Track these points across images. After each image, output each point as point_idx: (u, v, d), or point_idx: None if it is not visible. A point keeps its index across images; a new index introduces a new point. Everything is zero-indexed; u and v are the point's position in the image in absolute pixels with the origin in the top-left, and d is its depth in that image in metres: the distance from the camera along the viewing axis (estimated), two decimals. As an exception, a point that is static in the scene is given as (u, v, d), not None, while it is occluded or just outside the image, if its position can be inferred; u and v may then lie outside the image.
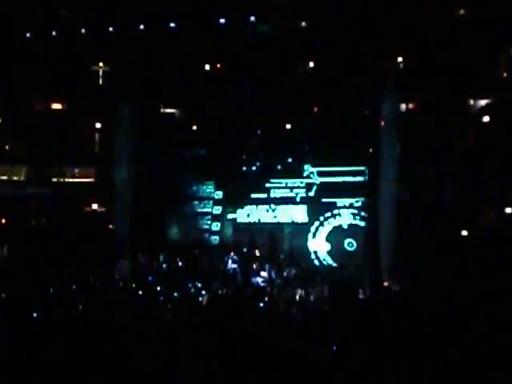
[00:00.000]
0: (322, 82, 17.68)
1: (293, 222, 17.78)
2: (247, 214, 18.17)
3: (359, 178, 17.33)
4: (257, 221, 18.07)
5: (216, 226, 18.61)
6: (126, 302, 12.17)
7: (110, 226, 18.96)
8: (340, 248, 17.15)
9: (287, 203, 17.78)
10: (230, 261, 17.37)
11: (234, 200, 18.45)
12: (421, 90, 17.11)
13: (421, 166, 16.75)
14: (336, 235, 17.30)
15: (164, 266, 17.64)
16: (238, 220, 18.29)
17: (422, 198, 16.52)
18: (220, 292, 14.45)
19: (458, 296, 10.14)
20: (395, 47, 17.23)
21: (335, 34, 16.98)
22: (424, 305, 9.52)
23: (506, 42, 16.69)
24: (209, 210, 18.78)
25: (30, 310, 9.60)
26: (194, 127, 19.57)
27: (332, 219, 17.35)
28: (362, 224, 17.10)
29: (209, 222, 18.67)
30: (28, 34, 18.18)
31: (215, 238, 18.67)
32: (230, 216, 18.42)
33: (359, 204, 17.17)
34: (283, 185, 17.94)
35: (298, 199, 17.76)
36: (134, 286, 15.10)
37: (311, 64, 18.25)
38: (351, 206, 17.24)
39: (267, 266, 16.60)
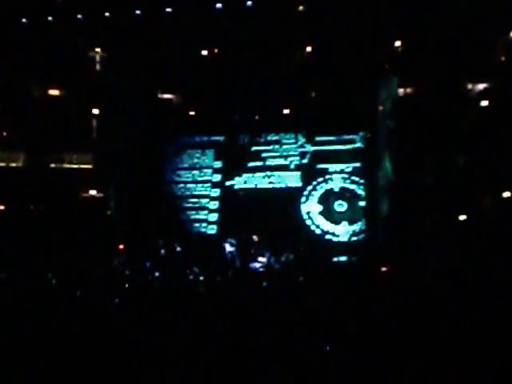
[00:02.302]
0: (319, 67, 17.69)
1: (287, 187, 18.77)
2: (244, 181, 19.20)
3: (349, 146, 18.58)
4: (253, 186, 19.10)
5: (215, 192, 19.52)
6: (125, 288, 12.21)
7: (109, 212, 19.00)
8: (331, 209, 18.21)
9: (282, 170, 18.85)
10: (227, 245, 17.48)
11: (233, 168, 19.45)
12: (419, 75, 17.08)
13: (418, 149, 16.75)
14: (327, 197, 18.38)
15: (162, 251, 17.73)
16: (236, 186, 19.27)
17: (420, 182, 16.58)
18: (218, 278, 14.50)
19: (456, 281, 10.14)
20: (393, 31, 17.16)
21: (333, 18, 16.90)
22: (419, 289, 9.54)
23: (504, 26, 16.59)
24: (209, 178, 19.64)
25: (29, 296, 9.63)
26: (192, 112, 19.63)
27: (324, 184, 18.50)
28: (352, 187, 18.24)
29: (209, 189, 19.57)
30: (24, 20, 18.02)
31: (214, 203, 19.52)
32: (228, 183, 19.36)
33: (350, 169, 18.29)
34: (278, 154, 19.06)
35: (292, 166, 18.84)
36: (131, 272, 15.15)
37: (309, 49, 18.19)
38: (342, 171, 18.37)
39: (266, 251, 16.71)
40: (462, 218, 16.40)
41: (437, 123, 16.59)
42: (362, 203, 17.98)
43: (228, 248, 17.44)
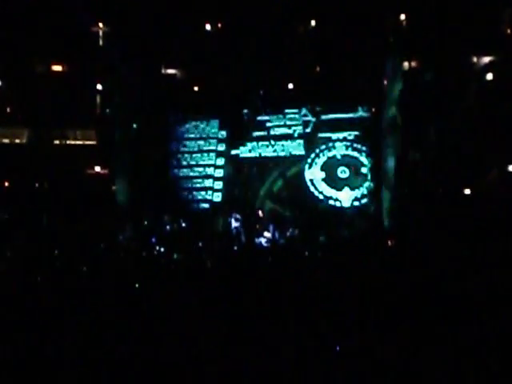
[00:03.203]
0: (323, 41, 17.63)
1: (291, 155, 19.07)
2: (249, 150, 19.45)
3: (351, 115, 18.64)
4: (258, 155, 19.38)
5: (221, 161, 19.82)
6: (131, 263, 12.24)
7: (114, 188, 19.05)
8: (334, 175, 18.47)
9: (286, 139, 19.12)
10: (233, 220, 17.57)
11: (237, 138, 19.69)
12: (424, 48, 17.01)
13: (423, 123, 16.75)
14: (330, 164, 18.60)
15: (167, 227, 17.82)
16: (241, 155, 19.55)
17: (424, 158, 16.60)
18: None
19: (459, 256, 10.17)
20: (398, 5, 17.05)
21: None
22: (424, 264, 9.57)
23: (509, -1, 16.50)
24: (213, 147, 19.89)
25: (34, 272, 9.67)
26: (196, 88, 19.62)
27: (327, 151, 18.71)
28: (355, 154, 18.41)
29: (213, 158, 19.86)
30: (26, -4, 17.96)
31: (219, 171, 19.90)
32: (234, 152, 19.66)
33: (352, 137, 18.44)
34: (282, 123, 19.25)
35: (295, 135, 19.08)
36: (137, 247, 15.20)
37: (313, 23, 18.11)
38: (345, 138, 18.52)
39: (271, 227, 16.80)
40: (467, 191, 16.43)
41: (442, 97, 16.54)
42: (364, 170, 18.17)
43: (233, 223, 17.53)
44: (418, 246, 12.07)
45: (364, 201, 18.02)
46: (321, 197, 18.49)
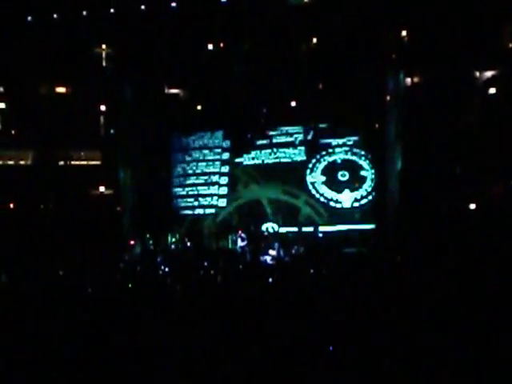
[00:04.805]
0: (325, 58, 17.70)
1: (292, 161, 19.47)
2: (252, 158, 19.89)
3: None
4: (261, 162, 19.77)
5: (225, 169, 20.23)
6: (137, 285, 12.22)
7: (118, 208, 19.08)
8: (334, 178, 18.89)
9: (288, 147, 19.55)
10: (238, 239, 17.57)
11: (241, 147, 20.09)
12: (426, 64, 17.06)
13: (427, 138, 16.74)
14: (331, 168, 19.04)
15: (173, 246, 17.84)
16: (245, 163, 19.96)
17: (428, 172, 16.60)
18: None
19: (463, 270, 10.13)
20: (399, 21, 17.11)
21: (339, 9, 16.89)
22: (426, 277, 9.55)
23: (510, 13, 16.49)
24: (218, 157, 20.36)
25: (38, 295, 9.66)
26: (199, 107, 19.75)
27: (327, 156, 19.15)
28: (354, 158, 18.82)
29: (218, 166, 20.31)
30: (29, 18, 18.08)
31: (224, 179, 20.31)
32: (237, 160, 20.07)
33: (351, 142, 18.82)
34: (284, 132, 19.67)
35: (297, 142, 19.49)
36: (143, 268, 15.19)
37: (314, 40, 18.20)
38: (344, 144, 18.92)
39: (276, 245, 16.77)
40: (472, 206, 16.40)
41: (445, 112, 16.56)
42: (364, 173, 18.51)
43: (239, 243, 17.53)
44: (420, 261, 12.06)
45: (364, 202, 18.44)
46: (322, 199, 18.94)
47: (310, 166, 19.21)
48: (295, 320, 7.13)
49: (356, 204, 18.46)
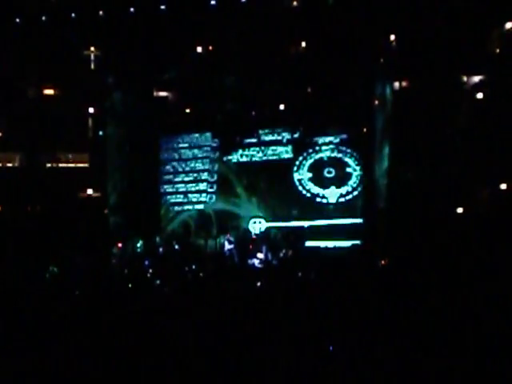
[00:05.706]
0: (314, 62, 17.77)
1: (280, 159, 19.71)
2: (240, 155, 20.10)
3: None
4: (249, 160, 20.02)
5: (214, 166, 20.43)
6: (124, 287, 12.20)
7: (106, 211, 19.01)
8: (320, 175, 19.14)
9: (275, 145, 19.80)
10: (226, 242, 17.58)
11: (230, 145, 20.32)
12: (414, 68, 17.12)
13: (415, 142, 16.82)
14: (317, 165, 19.30)
15: (160, 249, 17.81)
16: (233, 160, 20.15)
17: (416, 176, 16.69)
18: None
19: (452, 275, 10.16)
20: (387, 26, 17.17)
21: (327, 13, 16.95)
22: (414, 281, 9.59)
23: (498, 18, 16.59)
24: (207, 154, 20.57)
25: (26, 296, 9.62)
26: (188, 110, 19.77)
27: (314, 154, 19.41)
28: (340, 156, 19.03)
29: (208, 165, 20.49)
30: (17, 20, 18.01)
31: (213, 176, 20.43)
32: (226, 158, 20.25)
33: (337, 141, 19.03)
34: (271, 131, 19.92)
35: (284, 141, 19.72)
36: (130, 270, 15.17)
37: (303, 44, 18.24)
38: (331, 142, 19.15)
39: (264, 248, 16.78)
40: (460, 210, 16.46)
41: (432, 116, 16.62)
42: (349, 170, 18.74)
43: (227, 245, 17.54)
44: (409, 265, 12.10)
45: (349, 197, 18.69)
46: (308, 195, 19.18)
47: (297, 163, 19.51)
48: (284, 322, 7.15)
49: (342, 199, 18.72)
